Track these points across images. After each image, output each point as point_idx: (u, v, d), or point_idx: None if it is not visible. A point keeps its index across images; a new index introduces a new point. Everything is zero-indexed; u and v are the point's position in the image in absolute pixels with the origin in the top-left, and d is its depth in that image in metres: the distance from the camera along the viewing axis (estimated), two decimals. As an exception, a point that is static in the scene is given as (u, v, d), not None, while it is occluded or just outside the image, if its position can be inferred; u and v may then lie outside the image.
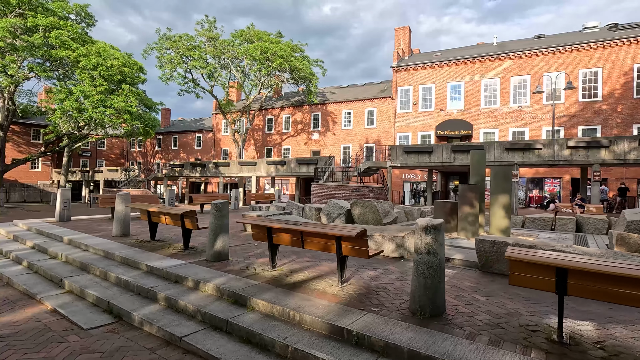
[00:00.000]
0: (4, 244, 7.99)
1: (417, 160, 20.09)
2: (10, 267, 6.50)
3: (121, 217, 8.07)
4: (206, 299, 4.33)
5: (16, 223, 10.06)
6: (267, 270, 5.37)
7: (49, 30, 18.79)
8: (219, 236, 5.92)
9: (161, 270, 5.28)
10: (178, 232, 8.81)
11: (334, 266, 5.75)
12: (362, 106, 30.76)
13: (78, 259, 6.24)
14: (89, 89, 19.44)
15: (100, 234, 8.41)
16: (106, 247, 6.79)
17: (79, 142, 27.59)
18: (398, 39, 31.40)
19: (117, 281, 5.23)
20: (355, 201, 11.36)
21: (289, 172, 25.17)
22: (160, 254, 6.31)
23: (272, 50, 23.83)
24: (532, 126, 24.43)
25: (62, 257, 6.61)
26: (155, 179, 35.10)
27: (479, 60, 26.17)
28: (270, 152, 35.40)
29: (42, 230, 8.76)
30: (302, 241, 4.99)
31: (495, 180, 9.01)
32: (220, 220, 5.97)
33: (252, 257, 6.33)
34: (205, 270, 5.23)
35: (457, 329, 3.36)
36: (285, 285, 4.60)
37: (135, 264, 5.78)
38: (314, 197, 19.81)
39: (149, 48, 25.99)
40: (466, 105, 26.58)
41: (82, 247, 7.11)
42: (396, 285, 4.78)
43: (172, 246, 7.07)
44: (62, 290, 5.22)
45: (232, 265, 5.61)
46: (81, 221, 10.68)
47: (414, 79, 28.51)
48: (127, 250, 6.58)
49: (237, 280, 4.77)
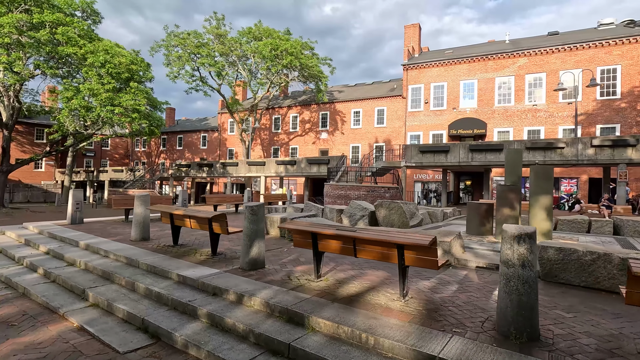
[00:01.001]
0: (16, 249, 7.48)
1: (433, 160, 19.54)
2: (25, 275, 5.99)
3: (141, 220, 7.56)
4: (255, 317, 3.81)
5: (26, 226, 9.56)
6: (312, 280, 4.86)
7: (56, 26, 18.29)
8: (254, 242, 5.41)
9: (195, 281, 4.77)
10: (200, 236, 8.30)
11: (382, 275, 5.24)
12: (372, 105, 30.22)
13: (99, 267, 5.73)
14: (97, 87, 18.92)
15: (118, 238, 7.90)
16: (128, 253, 6.28)
17: (84, 141, 27.08)
18: (408, 37, 30.84)
19: (147, 293, 4.71)
20: (380, 202, 10.85)
21: (299, 172, 24.65)
22: (188, 261, 5.80)
23: (282, 47, 23.28)
24: (547, 125, 23.86)
25: (81, 264, 6.10)
26: (161, 179, 34.61)
27: (492, 58, 25.61)
28: (277, 151, 34.88)
29: (55, 234, 8.25)
30: (355, 249, 4.47)
31: (536, 179, 8.47)
32: (256, 224, 5.46)
33: (288, 264, 5.82)
34: (245, 281, 4.71)
35: (569, 358, 2.83)
36: (341, 300, 4.08)
37: (164, 272, 5.27)
38: (327, 198, 19.30)
39: (156, 45, 25.49)
40: (479, 103, 26.03)
41: (101, 253, 6.60)
42: (462, 299, 4.26)
43: (198, 252, 6.56)
44: (86, 303, 4.71)
45: (271, 275, 5.10)
46: (94, 224, 10.18)
47: (425, 77, 27.97)
48: (151, 256, 6.06)
49: (285, 293, 4.25)
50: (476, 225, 9.17)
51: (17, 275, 5.97)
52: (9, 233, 8.98)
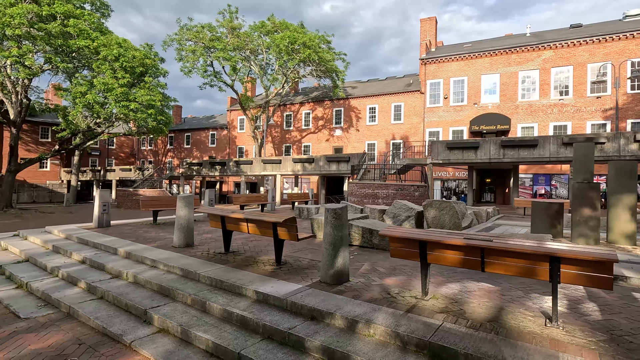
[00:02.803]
0: (46, 257, 6.66)
1: (462, 157, 18.71)
2: (65, 289, 5.17)
3: (184, 224, 6.74)
4: (385, 351, 3.00)
5: (50, 230, 8.74)
6: (421, 298, 4.04)
7: (67, 18, 17.41)
8: (340, 251, 4.59)
9: (281, 300, 3.95)
10: (246, 241, 7.49)
11: (490, 288, 4.42)
12: (388, 100, 29.35)
13: (152, 280, 4.91)
14: (111, 82, 18.04)
15: (157, 243, 7.09)
16: (180, 263, 5.46)
17: (93, 139, 26.22)
18: (424, 30, 29.94)
19: (226, 316, 3.90)
20: (430, 202, 10.04)
21: (317, 171, 23.81)
22: (255, 273, 4.99)
23: (300, 40, 22.37)
24: (575, 120, 23.02)
25: (129, 276, 5.28)
26: (171, 178, 33.77)
27: (516, 51, 24.73)
28: (289, 149, 34.03)
29: (86, 239, 7.43)
30: (483, 262, 3.66)
31: (618, 177, 7.67)
32: (340, 230, 4.65)
33: (371, 276, 5.00)
34: (343, 300, 3.90)
35: None
36: (479, 326, 3.26)
37: (234, 288, 4.45)
38: (352, 197, 18.48)
39: (169, 39, 24.54)
40: (502, 98, 25.17)
41: (148, 263, 5.78)
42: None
43: (257, 260, 5.76)
44: (153, 329, 3.90)
45: (365, 290, 4.28)
46: (122, 227, 9.36)
47: (444, 72, 27.09)
48: (209, 267, 5.25)
49: (404, 317, 3.43)
50: (545, 226, 8.36)
51: (55, 289, 5.15)
52: (32, 238, 8.16)
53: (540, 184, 24.04)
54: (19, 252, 7.26)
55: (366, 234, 7.33)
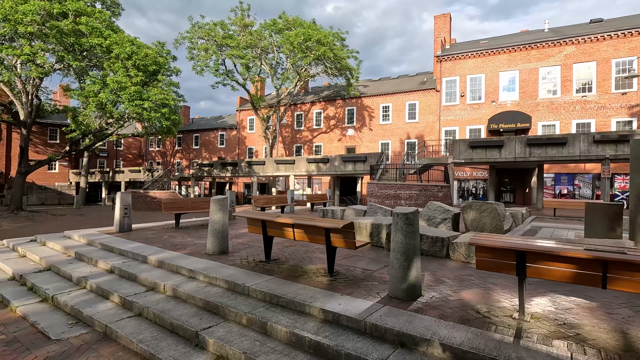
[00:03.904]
0: (69, 266, 6.13)
1: (485, 156, 18.06)
2: (97, 304, 4.63)
3: (219, 229, 6.18)
4: (517, 393, 2.40)
5: (70, 235, 8.22)
6: (519, 318, 3.45)
7: (79, 15, 16.97)
8: (412, 262, 4.01)
9: (358, 321, 3.38)
10: (280, 246, 6.92)
11: (593, 305, 3.81)
12: (402, 99, 28.71)
13: (195, 295, 4.35)
14: (124, 80, 17.57)
15: (187, 250, 6.54)
16: (223, 274, 4.90)
17: (103, 140, 25.81)
18: (438, 27, 29.30)
19: (294, 340, 3.32)
20: (470, 204, 9.43)
21: (332, 171, 23.22)
22: (309, 285, 4.42)
23: (315, 37, 21.79)
24: (599, 117, 22.26)
25: (167, 289, 4.73)
26: (181, 179, 33.33)
27: (536, 47, 24.02)
28: (300, 149, 33.48)
29: (110, 246, 6.90)
30: (605, 277, 3.05)
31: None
32: (413, 237, 4.07)
33: (443, 289, 4.41)
34: (434, 322, 3.31)
35: None
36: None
37: (295, 305, 3.87)
38: (372, 198, 17.89)
39: (180, 37, 24.09)
40: (521, 95, 24.45)
41: (184, 273, 5.22)
42: None
43: (305, 270, 5.19)
44: (209, 356, 3.33)
45: (449, 309, 3.69)
46: (144, 231, 8.82)
47: (460, 69, 26.42)
48: (256, 278, 4.68)
49: (525, 350, 2.84)
50: (602, 230, 7.72)
51: (85, 304, 4.61)
52: (51, 244, 7.65)
53: (562, 184, 23.30)
54: (39, 260, 6.74)
55: (414, 239, 6.73)
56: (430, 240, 6.59)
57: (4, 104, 23.13)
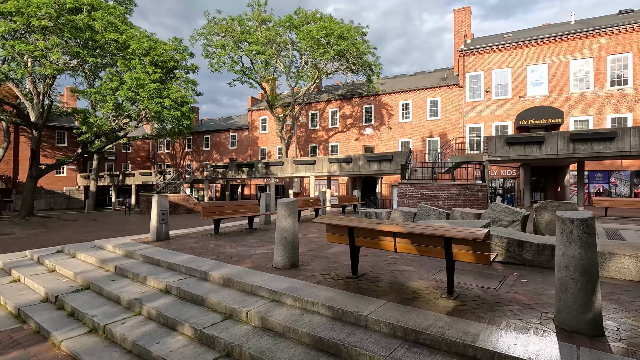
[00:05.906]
0: (112, 284, 5.15)
1: (524, 153, 17.02)
2: (164, 338, 3.64)
3: (289, 238, 5.20)
4: None
5: (102, 245, 7.26)
6: None
7: (94, 10, 16.10)
8: (596, 284, 3.00)
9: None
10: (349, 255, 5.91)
11: None
12: (423, 96, 27.69)
13: (296, 327, 3.36)
14: (143, 77, 16.66)
15: (249, 263, 5.55)
16: (317, 297, 3.90)
17: (114, 142, 24.93)
18: (458, 22, 28.33)
19: (484, 405, 2.31)
20: (545, 204, 8.44)
21: (356, 171, 22.22)
22: (436, 312, 3.41)
23: (338, 31, 20.84)
24: (636, 111, 21.17)
25: (251, 318, 3.74)
26: (194, 182, 32.40)
27: (566, 39, 22.96)
28: (315, 149, 32.50)
29: (156, 258, 5.92)
30: None
31: None
32: (592, 251, 3.06)
33: (616, 315, 3.39)
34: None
35: None
36: None
37: (448, 345, 2.88)
38: (403, 199, 16.86)
39: (197, 34, 23.18)
40: (551, 90, 23.39)
41: (264, 295, 4.23)
42: None
43: (410, 288, 4.19)
44: None
45: (669, 351, 2.67)
46: (184, 239, 7.85)
47: (484, 64, 25.39)
48: (366, 303, 3.68)
49: None
50: None
51: (150, 338, 3.62)
52: (83, 256, 6.69)
53: (597, 181, 22.20)
54: (73, 276, 5.78)
55: (513, 246, 5.72)
56: (535, 248, 5.57)
57: (14, 105, 22.29)
